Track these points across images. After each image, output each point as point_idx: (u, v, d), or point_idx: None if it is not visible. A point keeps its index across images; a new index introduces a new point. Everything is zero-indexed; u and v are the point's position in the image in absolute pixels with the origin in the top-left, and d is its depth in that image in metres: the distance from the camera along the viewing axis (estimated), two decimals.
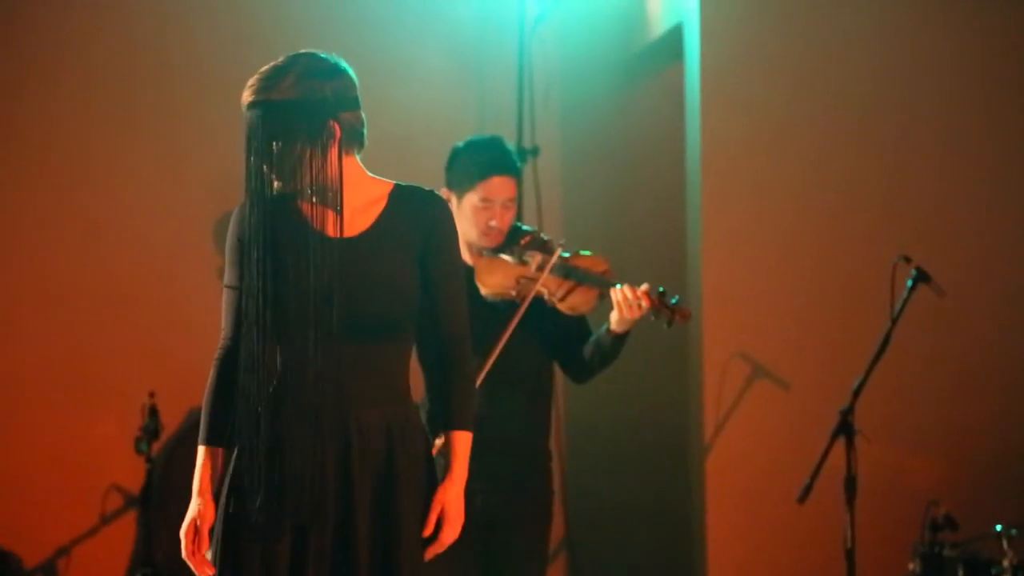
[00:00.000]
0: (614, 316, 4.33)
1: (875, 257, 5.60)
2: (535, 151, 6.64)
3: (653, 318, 4.35)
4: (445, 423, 3.27)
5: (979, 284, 5.99)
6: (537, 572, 4.47)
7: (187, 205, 6.36)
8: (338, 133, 3.18)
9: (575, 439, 6.72)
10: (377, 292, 3.17)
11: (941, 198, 6.05)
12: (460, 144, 4.53)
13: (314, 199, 3.19)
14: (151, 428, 5.78)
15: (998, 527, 5.10)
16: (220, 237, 6.48)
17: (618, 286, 4.32)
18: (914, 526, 5.36)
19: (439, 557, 3.20)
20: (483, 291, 4.36)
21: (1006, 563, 5.04)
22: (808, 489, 5.05)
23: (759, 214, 5.96)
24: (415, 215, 3.24)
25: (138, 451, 5.81)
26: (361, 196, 3.23)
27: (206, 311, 6.40)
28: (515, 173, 4.47)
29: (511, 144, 4.67)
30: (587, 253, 4.49)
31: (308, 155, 3.15)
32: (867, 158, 6.04)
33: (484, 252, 4.42)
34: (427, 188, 3.31)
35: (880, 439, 5.50)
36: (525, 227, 4.56)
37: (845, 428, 5.14)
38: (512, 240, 4.46)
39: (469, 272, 4.37)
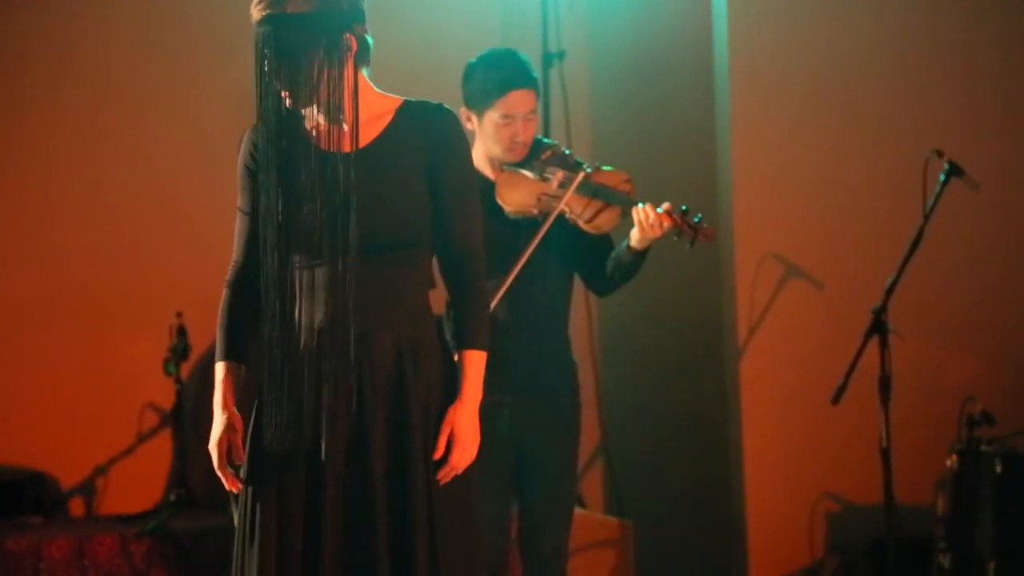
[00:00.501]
0: (634, 234, 4.27)
1: (907, 152, 5.51)
2: (561, 55, 6.55)
3: (676, 237, 4.28)
4: (457, 342, 3.19)
5: (1014, 177, 5.91)
6: (570, 483, 4.46)
7: (210, 124, 6.33)
8: (354, 46, 3.10)
9: (609, 345, 6.70)
10: (381, 208, 3.08)
11: (973, 91, 5.98)
12: (473, 60, 4.45)
13: (327, 116, 3.08)
14: (179, 348, 5.78)
15: None
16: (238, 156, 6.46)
17: (640, 205, 4.25)
18: (951, 423, 5.33)
19: (458, 478, 3.14)
20: (505, 209, 4.31)
21: None
22: (842, 389, 5.01)
23: (788, 113, 5.89)
24: (421, 128, 3.14)
25: (166, 372, 5.81)
26: (368, 111, 3.13)
27: (231, 231, 6.46)
28: (534, 85, 4.38)
29: (526, 55, 4.58)
30: (608, 168, 4.42)
31: (325, 70, 3.03)
32: (897, 51, 5.95)
33: (504, 167, 4.37)
34: (436, 103, 3.20)
35: (915, 337, 5.46)
36: (546, 140, 4.49)
37: (878, 327, 5.09)
38: (533, 154, 4.39)
39: (490, 187, 4.32)
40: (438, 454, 3.11)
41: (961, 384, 5.63)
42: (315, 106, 3.08)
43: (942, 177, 5.18)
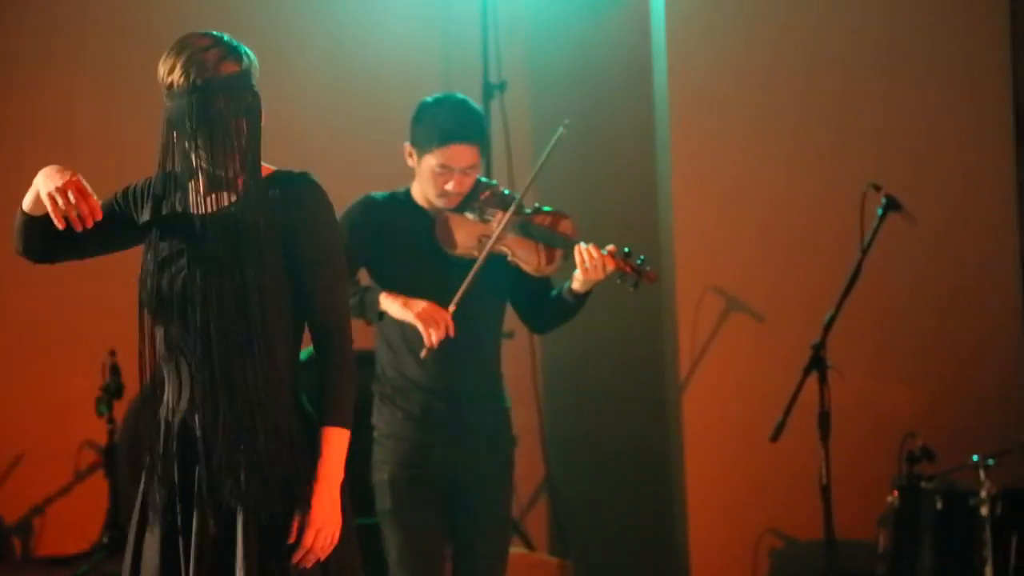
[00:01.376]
0: (577, 276, 4.22)
1: (848, 186, 5.50)
2: (502, 86, 6.52)
3: (619, 280, 4.24)
4: (318, 418, 3.05)
5: (953, 211, 5.93)
6: (505, 522, 4.41)
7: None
8: (260, 101, 3.06)
9: (552, 381, 6.66)
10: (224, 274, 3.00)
11: (910, 125, 5.99)
12: (428, 100, 4.39)
13: (222, 173, 3.01)
14: (112, 388, 5.70)
15: (975, 457, 5.06)
16: None
17: (582, 245, 4.21)
18: (892, 459, 5.33)
19: (323, 564, 3.05)
20: (448, 252, 4.26)
21: (984, 493, 5.01)
22: (780, 427, 4.99)
23: (728, 145, 5.88)
24: (278, 198, 3.02)
25: (98, 413, 5.73)
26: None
27: None
28: (479, 140, 4.32)
29: (479, 107, 4.54)
30: (549, 209, 4.37)
31: (250, 129, 3.01)
32: (834, 85, 5.96)
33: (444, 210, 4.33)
34: (300, 172, 3.09)
35: (855, 372, 5.45)
36: (484, 180, 4.43)
37: (817, 363, 5.08)
38: (473, 194, 4.34)
39: (427, 223, 4.28)
40: (291, 539, 2.98)
41: (901, 419, 5.61)
42: (232, 165, 3.01)
43: (880, 211, 5.17)
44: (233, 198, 3.01)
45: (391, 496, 4.28)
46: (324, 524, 2.99)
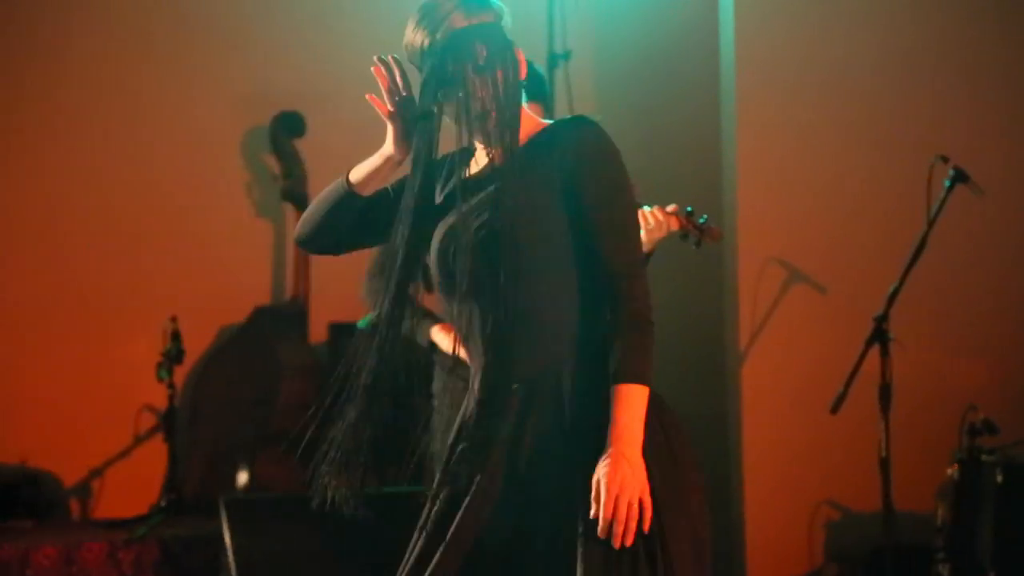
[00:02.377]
0: (640, 235, 4.21)
1: (912, 158, 5.45)
2: (567, 55, 6.48)
3: (682, 238, 4.22)
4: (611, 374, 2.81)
5: (1019, 183, 5.85)
6: None
7: (211, 126, 6.32)
8: (522, 62, 2.85)
9: None
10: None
11: (979, 97, 5.92)
12: None
13: (485, 143, 2.82)
14: (172, 353, 5.73)
15: None
16: (245, 156, 6.44)
17: (645, 207, 4.19)
18: (952, 432, 5.28)
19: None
20: None
21: None
22: (841, 399, 4.96)
23: (794, 116, 5.84)
24: (553, 141, 2.81)
25: (159, 378, 5.76)
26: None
27: (228, 236, 6.46)
28: (542, 100, 4.33)
29: (540, 66, 4.52)
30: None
31: (503, 88, 2.77)
32: (903, 57, 5.90)
33: None
34: (577, 116, 2.87)
35: (917, 344, 5.41)
36: None
37: (879, 335, 5.04)
38: None
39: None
40: (594, 512, 2.70)
41: (963, 392, 5.56)
42: (476, 127, 2.80)
43: (947, 183, 5.12)
44: (500, 159, 2.80)
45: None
46: (622, 490, 2.68)
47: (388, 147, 2.88)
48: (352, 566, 4.87)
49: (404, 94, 2.86)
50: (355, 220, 2.95)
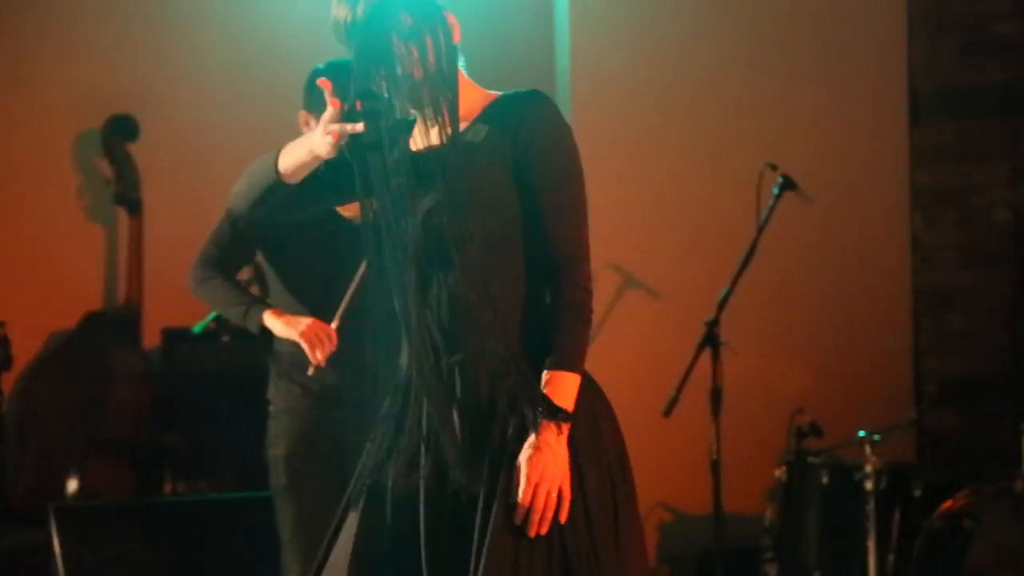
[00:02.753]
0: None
1: (743, 166, 5.56)
2: None
3: None
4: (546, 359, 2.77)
5: (846, 192, 6.01)
6: None
7: (40, 127, 6.21)
8: (456, 28, 2.78)
9: None
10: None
11: (807, 106, 6.07)
12: (320, 66, 4.37)
13: (428, 105, 2.72)
14: (0, 359, 5.62)
15: (861, 433, 5.14)
16: (76, 159, 6.34)
17: None
18: (781, 435, 5.39)
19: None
20: (346, 213, 4.22)
21: (868, 468, 5.09)
22: (673, 402, 5.06)
23: (627, 127, 5.93)
24: (508, 118, 2.75)
25: None
26: (463, 104, 2.78)
27: (63, 240, 6.36)
28: None
29: None
30: None
31: (433, 54, 2.69)
32: (733, 67, 6.02)
33: None
34: (529, 89, 2.81)
35: (747, 349, 5.52)
36: None
37: (711, 339, 5.15)
38: None
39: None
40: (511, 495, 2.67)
41: (790, 396, 5.69)
42: (411, 96, 2.71)
43: (775, 190, 5.25)
44: (447, 132, 2.71)
45: (286, 472, 4.26)
46: (543, 479, 2.64)
47: (321, 148, 2.73)
48: (180, 571, 4.83)
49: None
50: (291, 195, 2.83)
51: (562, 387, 2.71)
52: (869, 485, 5.08)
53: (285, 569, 4.30)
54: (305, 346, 4.07)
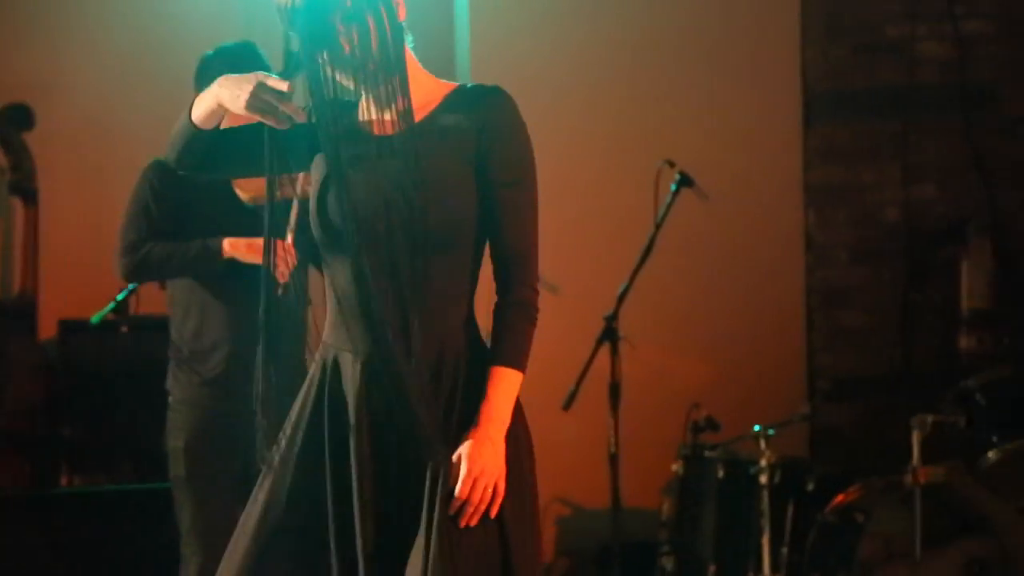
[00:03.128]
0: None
1: (641, 162, 5.61)
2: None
3: None
4: (491, 355, 2.81)
5: (743, 189, 6.09)
6: None
7: None
8: (403, 11, 2.77)
9: None
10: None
11: (705, 105, 6.13)
12: (210, 52, 4.36)
13: (372, 94, 2.70)
14: None
15: (756, 427, 5.21)
16: None
17: None
18: (678, 429, 5.45)
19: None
20: (242, 196, 4.20)
21: (763, 462, 5.16)
22: (572, 396, 5.11)
23: (525, 116, 5.85)
24: (468, 112, 2.75)
25: None
26: (416, 93, 2.74)
27: None
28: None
29: (272, 51, 4.52)
30: None
31: (377, 34, 2.67)
32: (633, 65, 6.06)
33: None
34: (491, 85, 2.83)
35: (646, 344, 5.57)
36: None
37: (609, 334, 5.20)
38: None
39: (227, 182, 4.24)
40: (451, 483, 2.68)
41: (688, 390, 5.75)
42: (366, 79, 2.70)
43: (673, 187, 5.31)
44: (400, 114, 2.69)
45: (185, 462, 4.26)
46: (482, 473, 2.67)
47: (224, 98, 2.71)
48: (79, 564, 4.80)
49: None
50: (207, 147, 2.80)
51: (506, 384, 2.76)
52: (764, 479, 5.16)
53: (184, 560, 4.29)
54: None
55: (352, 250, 2.70)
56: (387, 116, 2.72)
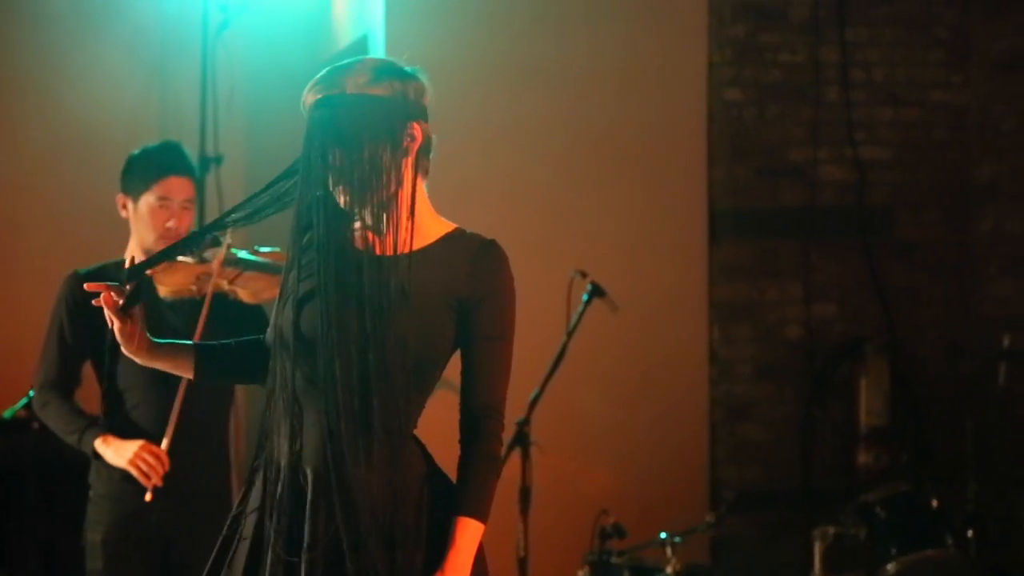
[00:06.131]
0: None
1: (554, 272, 5.71)
2: (218, 159, 6.57)
3: None
4: (455, 505, 2.88)
5: (650, 300, 6.20)
6: None
7: None
8: (419, 139, 2.82)
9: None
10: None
11: (615, 219, 6.26)
12: (135, 152, 4.46)
13: (373, 213, 2.79)
14: None
15: (663, 535, 5.27)
16: None
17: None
18: (586, 534, 5.50)
19: None
20: (162, 291, 4.23)
21: (669, 569, 5.22)
22: None
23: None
24: (463, 257, 2.85)
25: None
26: (417, 224, 2.84)
27: None
28: (192, 174, 4.41)
29: (188, 149, 4.61)
30: (268, 249, 4.40)
31: (386, 160, 2.75)
32: (543, 172, 6.19)
33: None
34: (489, 238, 2.95)
35: (554, 450, 5.63)
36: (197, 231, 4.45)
37: (521, 439, 5.26)
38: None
39: (148, 280, 4.27)
40: None
41: (596, 497, 5.81)
42: (364, 201, 2.79)
43: (585, 297, 5.42)
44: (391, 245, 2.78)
45: (103, 557, 4.25)
46: None
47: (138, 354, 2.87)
48: None
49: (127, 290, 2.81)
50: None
51: (471, 534, 2.84)
52: None
53: None
54: (135, 474, 4.11)
55: (324, 361, 2.74)
56: (383, 238, 2.80)
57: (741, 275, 6.43)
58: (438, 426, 3.05)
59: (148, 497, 4.12)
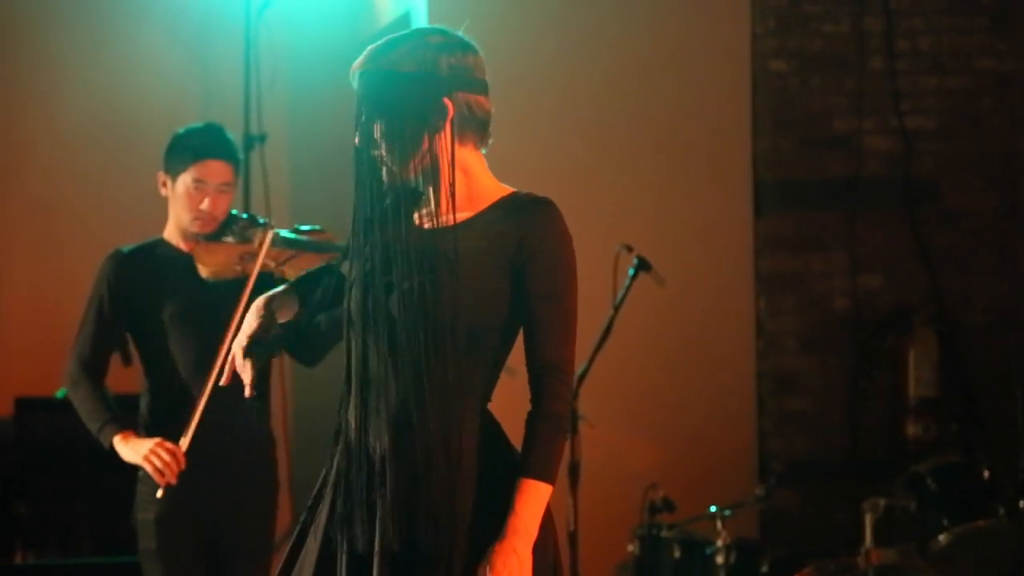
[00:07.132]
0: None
1: (598, 247, 5.70)
2: (262, 138, 6.58)
3: None
4: (520, 466, 2.85)
5: (695, 273, 6.19)
6: (266, 563, 4.43)
7: None
8: (451, 112, 2.83)
9: (301, 421, 6.70)
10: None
11: (659, 192, 6.24)
12: (180, 130, 4.46)
13: (421, 185, 2.83)
14: None
15: (712, 508, 5.27)
16: None
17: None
18: (635, 509, 5.50)
19: None
20: (204, 272, 4.24)
21: (720, 542, 5.22)
22: None
23: None
24: (514, 218, 2.82)
25: None
26: (467, 191, 2.88)
27: None
28: (232, 159, 4.39)
29: (232, 133, 4.61)
30: (308, 228, 4.39)
31: (418, 135, 2.80)
32: (593, 149, 6.17)
33: (201, 238, 4.32)
34: (542, 196, 2.90)
35: (603, 424, 5.63)
36: (237, 213, 4.46)
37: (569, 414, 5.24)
38: (229, 223, 4.35)
39: (188, 259, 4.29)
40: None
41: (645, 471, 5.81)
42: (401, 176, 2.84)
43: (631, 271, 5.41)
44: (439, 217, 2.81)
45: (156, 535, 4.27)
46: None
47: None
48: None
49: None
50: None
51: (534, 497, 2.78)
52: (720, 559, 5.21)
53: None
54: (149, 470, 4.12)
55: (387, 334, 2.78)
56: (429, 211, 2.84)
57: (786, 247, 6.40)
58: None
59: (160, 494, 4.13)
